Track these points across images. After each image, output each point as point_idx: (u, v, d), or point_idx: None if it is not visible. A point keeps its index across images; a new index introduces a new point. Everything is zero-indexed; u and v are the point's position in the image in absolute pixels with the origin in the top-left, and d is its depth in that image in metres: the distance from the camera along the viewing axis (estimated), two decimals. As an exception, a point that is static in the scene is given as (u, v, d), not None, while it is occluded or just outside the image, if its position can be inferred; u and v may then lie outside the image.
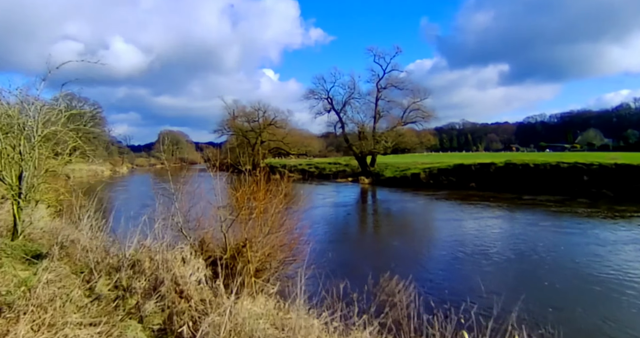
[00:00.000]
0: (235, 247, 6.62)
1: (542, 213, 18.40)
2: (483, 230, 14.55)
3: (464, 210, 20.04)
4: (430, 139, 38.53)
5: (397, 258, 10.72)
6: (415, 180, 30.80)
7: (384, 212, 21.08)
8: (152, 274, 4.86)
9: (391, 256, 11.04)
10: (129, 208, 10.00)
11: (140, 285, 4.65)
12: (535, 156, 34.67)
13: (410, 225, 16.90)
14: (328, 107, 42.34)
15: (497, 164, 28.35)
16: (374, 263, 9.96)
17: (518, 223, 15.89)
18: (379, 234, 15.09)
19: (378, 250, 12.02)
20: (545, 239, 12.87)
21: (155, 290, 4.57)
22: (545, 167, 26.40)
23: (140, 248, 5.56)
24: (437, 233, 14.38)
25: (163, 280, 4.66)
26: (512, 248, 11.77)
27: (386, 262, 9.86)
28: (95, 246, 5.99)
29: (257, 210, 7.08)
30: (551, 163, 26.42)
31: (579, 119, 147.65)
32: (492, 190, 26.57)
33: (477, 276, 9.19)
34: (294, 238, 7.50)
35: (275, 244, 7.06)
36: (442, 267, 10.06)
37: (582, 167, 25.04)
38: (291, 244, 7.45)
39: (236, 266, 6.30)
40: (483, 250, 11.42)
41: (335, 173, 43.71)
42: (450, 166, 30.21)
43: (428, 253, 11.42)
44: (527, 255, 10.95)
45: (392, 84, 38.82)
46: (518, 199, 22.46)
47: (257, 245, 6.64)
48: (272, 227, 7.01)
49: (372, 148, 37.24)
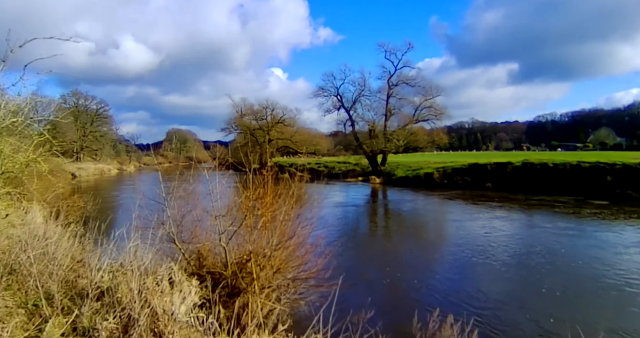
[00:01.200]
0: (237, 261, 5.66)
1: (564, 215, 17.48)
2: (503, 235, 13.69)
3: (481, 212, 19.17)
4: (442, 138, 37.51)
5: (424, 272, 9.95)
6: (428, 180, 29.88)
7: (399, 215, 20.25)
8: (125, 309, 3.67)
9: (416, 268, 10.27)
10: (122, 212, 9.35)
11: (106, 325, 3.48)
12: (552, 155, 33.61)
13: (428, 230, 16.07)
14: (338, 104, 41.53)
15: (514, 163, 27.36)
16: (403, 280, 9.17)
17: (538, 227, 15.01)
18: (398, 241, 14.27)
19: (401, 262, 11.22)
20: (570, 245, 12.05)
21: (126, 333, 3.47)
22: (565, 166, 25.39)
23: (115, 271, 4.37)
24: (459, 240, 13.52)
25: (138, 318, 3.51)
26: (532, 254, 10.98)
27: (412, 277, 9.12)
28: (58, 268, 4.58)
29: (264, 218, 6.17)
30: (571, 163, 25.39)
31: (590, 118, 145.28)
32: (509, 190, 25.64)
33: (499, 286, 8.42)
34: (307, 250, 6.50)
35: (285, 258, 6.14)
36: (484, 294, 9.25)
37: (605, 167, 24.00)
38: (304, 257, 6.46)
39: (239, 285, 5.42)
40: (504, 258, 10.61)
41: (345, 172, 42.87)
42: (465, 166, 29.26)
43: (456, 266, 10.61)
44: (549, 263, 10.08)
45: (404, 81, 37.86)
46: (537, 201, 21.52)
47: (263, 260, 5.74)
48: (281, 237, 6.07)
49: (383, 147, 36.35)
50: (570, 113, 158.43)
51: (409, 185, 30.36)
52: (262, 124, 58.51)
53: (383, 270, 9.65)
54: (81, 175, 57.23)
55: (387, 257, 11.17)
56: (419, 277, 9.14)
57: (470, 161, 30.78)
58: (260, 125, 58.58)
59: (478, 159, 36.24)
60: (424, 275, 9.32)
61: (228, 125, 61.83)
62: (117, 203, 21.65)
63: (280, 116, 57.07)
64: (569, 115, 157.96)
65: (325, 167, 47.01)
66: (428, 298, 7.73)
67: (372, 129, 37.89)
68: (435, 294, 7.99)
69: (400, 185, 31.01)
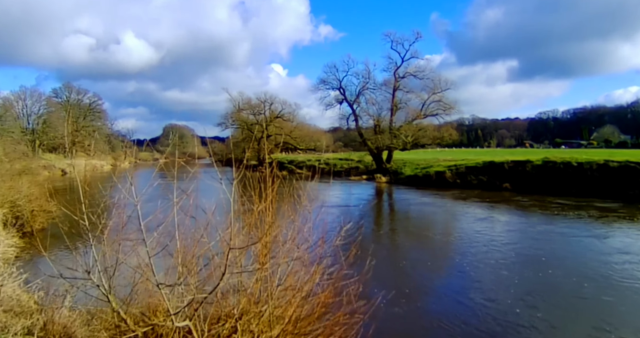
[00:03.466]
0: (217, 324, 3.43)
1: (593, 222, 15.38)
2: (528, 245, 11.62)
3: (502, 215, 17.12)
4: (452, 134, 35.19)
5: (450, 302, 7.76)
6: (440, 179, 27.66)
7: (413, 220, 18.09)
8: None
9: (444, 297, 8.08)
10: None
11: None
12: (573, 153, 31.34)
13: (451, 243, 13.81)
14: (340, 98, 39.17)
15: (534, 162, 25.17)
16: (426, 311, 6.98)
17: (568, 237, 12.84)
18: (417, 254, 12.07)
19: (429, 287, 9.05)
20: (602, 260, 9.90)
21: None
22: (591, 166, 23.22)
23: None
24: (490, 260, 11.35)
25: None
26: (562, 269, 9.19)
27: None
28: None
29: (261, 252, 3.90)
30: (598, 162, 23.23)
31: (592, 115, 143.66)
32: (529, 192, 23.48)
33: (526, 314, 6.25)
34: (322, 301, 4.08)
35: (294, 305, 3.84)
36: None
37: (636, 167, 21.84)
38: (324, 300, 4.07)
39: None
40: (532, 275, 8.51)
41: (348, 170, 40.59)
42: (480, 164, 27.07)
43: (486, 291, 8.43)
44: (578, 281, 8.01)
45: (411, 73, 35.57)
46: (561, 204, 19.34)
47: (257, 319, 3.51)
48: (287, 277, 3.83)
49: (389, 143, 34.08)
50: (572, 110, 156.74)
51: (418, 184, 28.17)
52: (260, 118, 56.13)
53: (407, 298, 7.47)
54: (72, 171, 54.72)
55: (410, 281, 8.98)
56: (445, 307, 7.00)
57: (484, 159, 28.59)
58: (258, 120, 56.19)
59: (490, 157, 33.91)
60: (451, 305, 7.21)
61: (225, 120, 59.40)
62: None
63: (279, 110, 54.71)
64: (571, 112, 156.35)
65: (326, 164, 44.70)
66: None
67: (378, 124, 35.59)
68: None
69: (408, 184, 28.80)
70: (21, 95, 60.69)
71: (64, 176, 49.31)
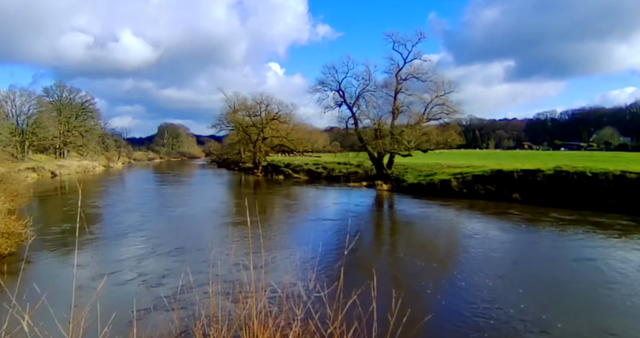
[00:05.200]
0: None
1: (613, 240, 13.99)
2: (546, 270, 10.09)
3: (514, 230, 15.61)
4: (455, 138, 33.70)
5: None
6: (445, 188, 26.18)
7: (421, 239, 16.57)
8: None
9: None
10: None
11: None
12: (580, 158, 29.96)
13: (467, 265, 12.32)
14: (339, 100, 37.54)
15: (545, 171, 23.75)
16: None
17: (587, 260, 11.31)
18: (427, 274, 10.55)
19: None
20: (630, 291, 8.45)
21: None
22: (607, 177, 21.82)
23: None
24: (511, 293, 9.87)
25: None
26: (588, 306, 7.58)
27: None
28: None
29: None
30: (614, 173, 21.82)
31: (591, 116, 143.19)
32: (540, 203, 22.11)
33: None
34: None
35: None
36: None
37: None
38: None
39: None
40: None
41: (346, 175, 39.08)
42: (487, 172, 25.62)
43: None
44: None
45: (414, 75, 34.04)
46: (576, 220, 17.92)
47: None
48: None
49: (391, 148, 32.56)
50: (571, 111, 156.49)
51: (422, 193, 26.69)
52: (256, 120, 54.47)
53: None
54: (62, 173, 52.91)
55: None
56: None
57: (490, 166, 27.14)
58: (254, 122, 54.54)
59: (494, 161, 32.59)
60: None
61: (219, 121, 57.72)
62: (69, 225, 17.63)
63: (276, 112, 53.05)
64: (569, 113, 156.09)
65: (324, 168, 43.23)
66: None
67: (379, 128, 34.06)
68: None
69: (411, 193, 27.31)
70: (10, 95, 58.63)
71: (53, 178, 47.46)
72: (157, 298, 8.08)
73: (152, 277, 9.82)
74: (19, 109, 59.58)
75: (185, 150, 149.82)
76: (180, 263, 10.64)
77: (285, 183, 38.72)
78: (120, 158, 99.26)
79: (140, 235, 15.00)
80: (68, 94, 76.28)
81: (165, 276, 9.96)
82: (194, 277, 6.81)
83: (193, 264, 10.31)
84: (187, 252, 12.25)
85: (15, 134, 56.00)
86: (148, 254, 12.17)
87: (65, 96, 75.72)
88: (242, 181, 44.67)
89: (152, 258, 11.67)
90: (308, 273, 9.95)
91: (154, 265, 10.85)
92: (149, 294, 8.50)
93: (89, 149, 77.37)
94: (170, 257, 11.82)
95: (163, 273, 10.17)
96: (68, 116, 73.97)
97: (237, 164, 64.58)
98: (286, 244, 13.72)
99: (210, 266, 5.94)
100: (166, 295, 8.20)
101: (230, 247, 12.70)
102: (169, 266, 10.82)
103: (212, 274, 4.77)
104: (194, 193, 31.03)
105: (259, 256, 8.75)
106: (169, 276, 9.92)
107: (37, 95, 66.06)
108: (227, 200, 28.66)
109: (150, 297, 8.21)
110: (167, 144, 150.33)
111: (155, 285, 9.22)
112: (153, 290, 8.77)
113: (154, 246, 13.13)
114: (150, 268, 10.51)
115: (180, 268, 10.22)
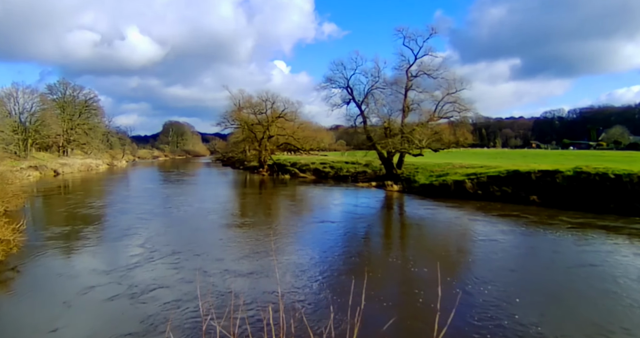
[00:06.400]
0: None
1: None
2: (572, 287, 9.10)
3: (537, 237, 14.60)
4: (468, 138, 32.61)
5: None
6: (459, 189, 25.18)
7: (436, 240, 15.65)
8: None
9: None
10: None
11: None
12: (596, 160, 28.81)
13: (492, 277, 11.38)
14: (347, 97, 36.52)
15: (565, 172, 22.72)
16: None
17: (618, 276, 10.36)
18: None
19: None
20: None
21: None
22: (631, 178, 20.78)
23: None
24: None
25: None
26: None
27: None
28: None
29: None
30: (638, 174, 20.78)
31: (599, 115, 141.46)
32: (560, 206, 21.09)
33: None
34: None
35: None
36: None
37: (685, 181, 19.40)
38: None
39: None
40: None
41: (354, 174, 38.15)
42: (503, 173, 24.60)
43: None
44: None
45: (425, 72, 32.99)
46: (602, 226, 16.90)
47: None
48: None
49: (402, 147, 31.56)
50: (579, 110, 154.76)
51: (435, 194, 25.72)
52: (262, 118, 53.58)
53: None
54: (64, 171, 52.30)
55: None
56: None
57: (507, 167, 26.11)
58: (260, 120, 53.66)
59: (506, 161, 31.53)
60: None
61: (224, 119, 56.86)
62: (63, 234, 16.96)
63: (282, 110, 52.12)
64: (577, 112, 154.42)
65: (331, 167, 42.31)
66: None
67: (388, 127, 33.06)
68: None
69: (423, 194, 26.34)
70: (13, 92, 58.00)
71: (56, 177, 46.83)
72: (147, 318, 7.26)
73: (143, 290, 8.93)
74: (21, 107, 58.99)
75: (190, 148, 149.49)
76: (187, 280, 9.81)
77: (292, 183, 37.86)
78: (124, 156, 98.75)
79: (137, 239, 14.17)
80: (71, 92, 75.71)
81: (158, 288, 9.13)
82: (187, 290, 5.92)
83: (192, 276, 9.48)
84: (189, 259, 11.41)
85: (17, 132, 55.40)
86: (144, 261, 11.36)
87: (68, 93, 75.14)
88: (247, 181, 43.83)
89: (148, 266, 10.87)
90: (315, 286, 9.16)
91: (147, 275, 10.03)
92: (136, 314, 7.63)
93: (92, 146, 76.79)
94: (169, 266, 10.97)
95: (158, 284, 9.34)
96: (71, 114, 73.40)
97: (242, 163, 63.75)
98: (294, 252, 12.85)
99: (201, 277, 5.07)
100: (154, 313, 7.41)
101: (233, 252, 11.88)
102: (164, 275, 9.97)
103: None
104: (196, 194, 30.21)
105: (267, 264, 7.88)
106: (165, 287, 9.09)
107: (40, 93, 65.46)
108: (231, 201, 27.82)
109: (137, 319, 7.36)
110: (171, 142, 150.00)
111: (147, 300, 8.34)
112: (141, 308, 7.91)
113: (151, 252, 12.31)
114: (141, 279, 9.66)
115: (187, 282, 9.39)
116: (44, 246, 12.72)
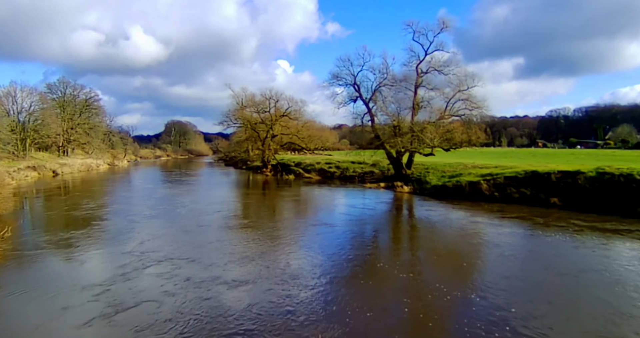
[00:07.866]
0: None
1: None
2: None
3: (564, 247, 13.37)
4: (480, 136, 31.36)
5: None
6: (473, 191, 23.96)
7: (451, 248, 14.46)
8: None
9: None
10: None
11: None
12: (608, 159, 27.49)
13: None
14: (354, 95, 35.28)
15: (586, 173, 21.51)
16: None
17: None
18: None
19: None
20: None
21: None
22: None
23: None
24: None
25: None
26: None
27: None
28: None
29: None
30: (666, 174, 19.58)
31: (605, 113, 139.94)
32: (583, 210, 19.83)
33: None
34: None
35: None
36: None
37: None
38: None
39: None
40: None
41: (361, 175, 36.96)
42: (521, 174, 23.40)
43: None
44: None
45: (435, 68, 31.78)
46: (628, 229, 15.73)
47: None
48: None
49: (412, 146, 30.37)
50: (584, 108, 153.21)
51: (448, 196, 24.54)
52: (265, 117, 52.43)
53: None
54: (64, 171, 51.32)
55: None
56: None
57: (523, 167, 24.91)
58: (263, 119, 52.51)
59: (516, 161, 30.31)
60: None
61: (227, 117, 55.74)
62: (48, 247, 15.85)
63: (286, 108, 50.94)
64: (583, 110, 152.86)
65: (337, 167, 41.13)
66: None
67: (398, 125, 31.85)
68: None
69: (436, 196, 25.15)
70: (11, 91, 56.99)
71: (54, 177, 45.82)
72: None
73: (123, 309, 7.91)
74: (20, 106, 57.98)
75: (192, 147, 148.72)
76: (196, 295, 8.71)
77: (296, 184, 36.69)
78: (126, 156, 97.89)
79: (129, 245, 13.06)
80: (72, 91, 74.80)
81: (141, 303, 8.13)
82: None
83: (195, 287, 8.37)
84: (188, 270, 10.29)
85: (16, 132, 54.42)
86: (141, 268, 10.31)
87: (69, 92, 74.22)
88: (250, 181, 42.71)
89: (145, 274, 9.79)
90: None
91: (132, 290, 8.95)
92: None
93: (93, 146, 75.88)
94: (159, 276, 9.85)
95: (140, 300, 8.28)
96: (72, 113, 72.47)
97: (244, 163, 62.70)
98: (297, 258, 11.69)
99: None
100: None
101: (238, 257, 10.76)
102: (151, 287, 8.86)
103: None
104: (196, 195, 29.13)
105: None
106: (149, 302, 8.02)
107: (40, 92, 64.49)
108: (232, 203, 26.67)
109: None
110: (174, 141, 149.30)
111: (125, 324, 7.26)
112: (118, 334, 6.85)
113: (139, 260, 11.21)
114: (123, 296, 8.57)
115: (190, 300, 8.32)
116: (26, 256, 11.62)
